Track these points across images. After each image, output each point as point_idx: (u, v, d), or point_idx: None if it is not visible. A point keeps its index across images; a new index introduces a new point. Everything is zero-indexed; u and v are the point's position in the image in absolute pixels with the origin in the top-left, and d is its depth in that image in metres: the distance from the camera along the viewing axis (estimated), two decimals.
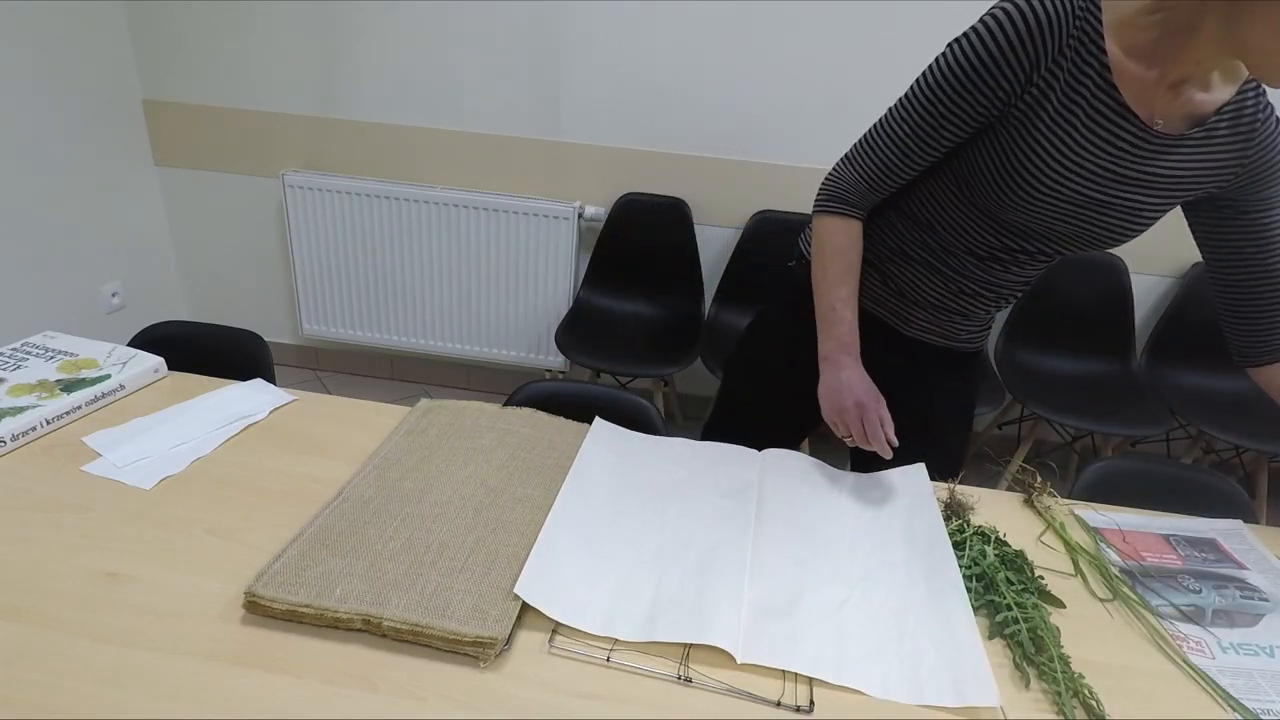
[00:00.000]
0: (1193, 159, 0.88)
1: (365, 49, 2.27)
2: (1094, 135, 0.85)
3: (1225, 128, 0.87)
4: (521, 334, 2.52)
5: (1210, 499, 1.16)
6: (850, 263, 1.02)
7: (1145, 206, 0.90)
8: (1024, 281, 1.05)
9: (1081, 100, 0.84)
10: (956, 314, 1.07)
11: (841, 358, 1.03)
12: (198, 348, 1.31)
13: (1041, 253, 0.99)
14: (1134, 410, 2.10)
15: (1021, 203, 0.90)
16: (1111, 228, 0.92)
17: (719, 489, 0.98)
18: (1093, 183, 0.88)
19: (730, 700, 0.69)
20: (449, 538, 0.83)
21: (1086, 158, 0.86)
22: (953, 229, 0.99)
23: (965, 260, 1.01)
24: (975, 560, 0.88)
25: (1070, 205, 0.90)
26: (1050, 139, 0.86)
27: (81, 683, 0.65)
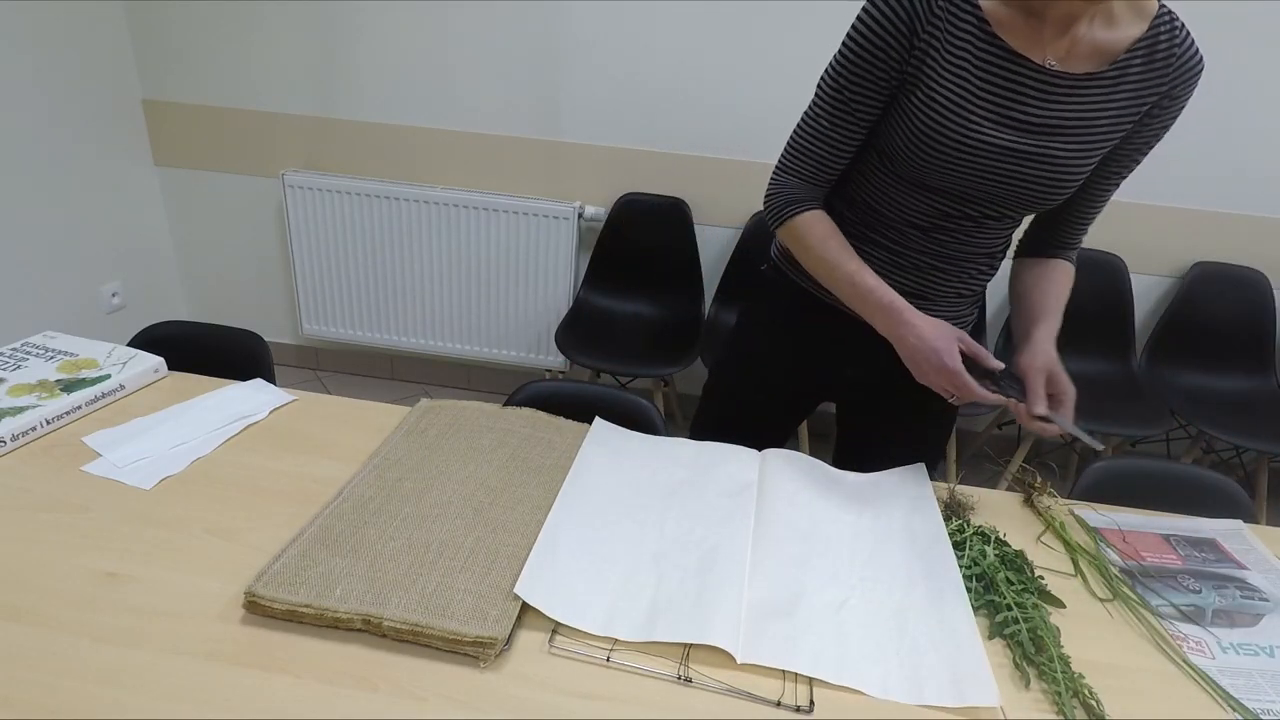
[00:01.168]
0: (1107, 99, 0.88)
1: (365, 49, 2.27)
2: (987, 83, 0.87)
3: (1139, 64, 0.87)
4: (521, 334, 2.52)
5: (1210, 499, 1.16)
6: (841, 242, 1.01)
7: (1063, 154, 0.90)
8: (978, 254, 1.02)
9: (967, 53, 0.87)
10: (917, 298, 1.03)
11: (895, 327, 0.98)
12: (198, 348, 1.31)
13: (983, 216, 0.97)
14: (1134, 410, 2.09)
15: (935, 162, 0.91)
16: (1036, 180, 0.91)
17: (719, 489, 0.98)
18: (997, 129, 0.89)
19: (730, 700, 0.69)
20: (449, 538, 0.83)
21: (985, 105, 0.88)
22: (889, 205, 1.00)
23: (909, 234, 1.00)
24: (975, 560, 0.88)
25: (983, 158, 0.90)
26: (946, 95, 0.88)
27: (81, 683, 0.65)
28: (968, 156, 0.90)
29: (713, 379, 1.30)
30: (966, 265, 1.04)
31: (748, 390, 1.22)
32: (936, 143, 0.90)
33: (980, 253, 1.03)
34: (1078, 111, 0.88)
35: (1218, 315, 2.23)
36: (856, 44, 0.90)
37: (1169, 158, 2.14)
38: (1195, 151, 2.13)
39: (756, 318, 1.21)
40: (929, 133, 0.90)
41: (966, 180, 0.92)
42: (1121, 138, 0.92)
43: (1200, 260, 2.24)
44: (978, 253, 1.03)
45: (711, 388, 1.29)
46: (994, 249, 1.04)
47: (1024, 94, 0.88)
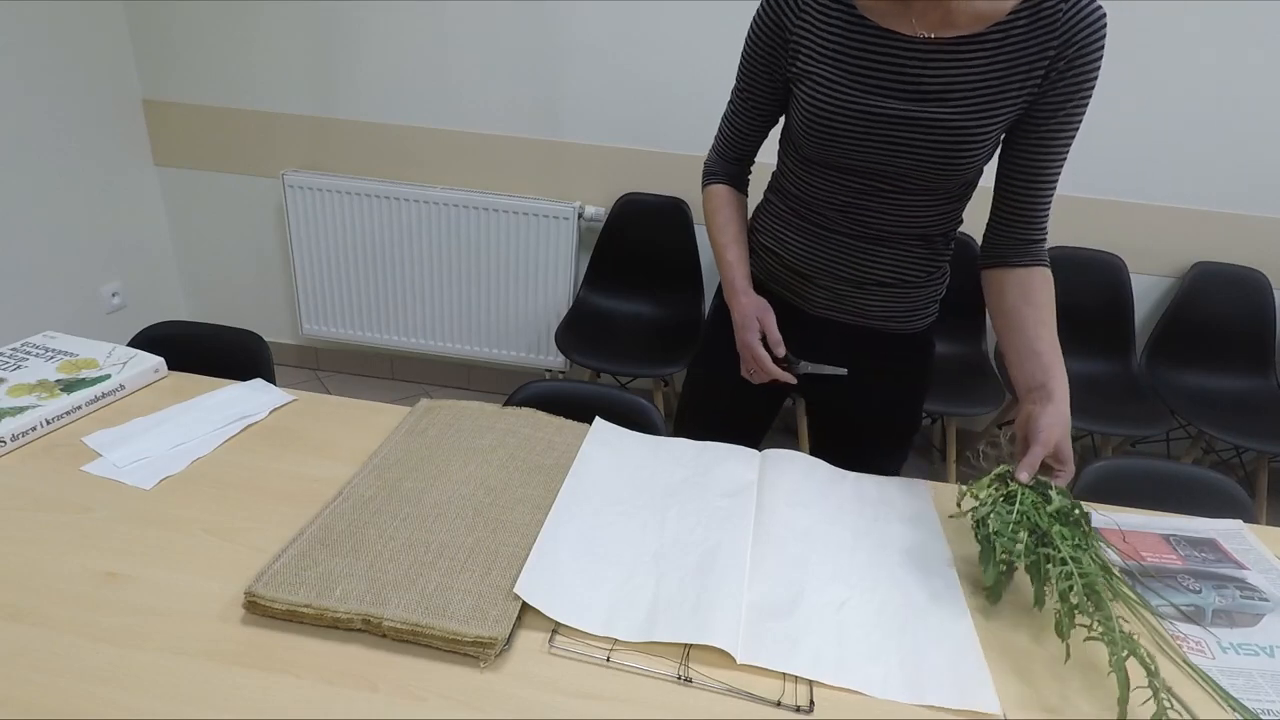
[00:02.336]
0: (992, 59, 0.89)
1: (365, 49, 2.27)
2: (864, 59, 0.92)
3: (1024, 23, 0.87)
4: (521, 334, 2.52)
5: (1210, 499, 1.16)
6: (727, 216, 1.13)
7: (955, 118, 0.91)
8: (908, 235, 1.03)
9: (839, 38, 0.93)
10: (853, 282, 1.07)
11: (729, 299, 1.12)
12: (198, 348, 1.31)
13: (897, 191, 0.99)
14: (1134, 410, 2.09)
15: (831, 139, 0.96)
16: (933, 146, 0.92)
17: (719, 489, 0.98)
18: (882, 98, 0.92)
19: (730, 700, 0.69)
20: (449, 538, 0.83)
21: (865, 78, 0.93)
22: (804, 187, 1.05)
23: (827, 214, 1.04)
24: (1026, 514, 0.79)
25: (875, 127, 0.93)
26: (827, 76, 0.94)
27: (81, 683, 0.65)
28: (859, 127, 0.94)
29: (690, 373, 1.32)
30: (898, 247, 1.04)
31: (720, 383, 1.23)
32: (828, 121, 0.95)
33: (910, 234, 1.03)
34: (962, 74, 0.90)
35: (1218, 315, 2.23)
36: (746, 47, 1.03)
37: (1169, 158, 2.15)
38: (1195, 151, 2.13)
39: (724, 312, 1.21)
40: (819, 113, 0.95)
41: (866, 152, 0.95)
42: (1023, 102, 0.91)
43: (1200, 260, 2.24)
44: (907, 233, 1.03)
45: (689, 382, 1.32)
46: (928, 231, 1.04)
47: (903, 63, 0.91)
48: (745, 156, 1.15)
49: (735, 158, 1.15)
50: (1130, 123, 2.12)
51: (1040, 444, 0.86)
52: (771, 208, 1.13)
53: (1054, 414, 0.89)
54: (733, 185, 1.15)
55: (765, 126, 1.10)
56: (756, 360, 1.07)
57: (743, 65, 1.04)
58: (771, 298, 1.13)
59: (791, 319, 1.11)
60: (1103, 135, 2.14)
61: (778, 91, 1.04)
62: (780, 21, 0.97)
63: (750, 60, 1.03)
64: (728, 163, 1.15)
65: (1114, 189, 2.20)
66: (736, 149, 1.13)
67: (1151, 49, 2.03)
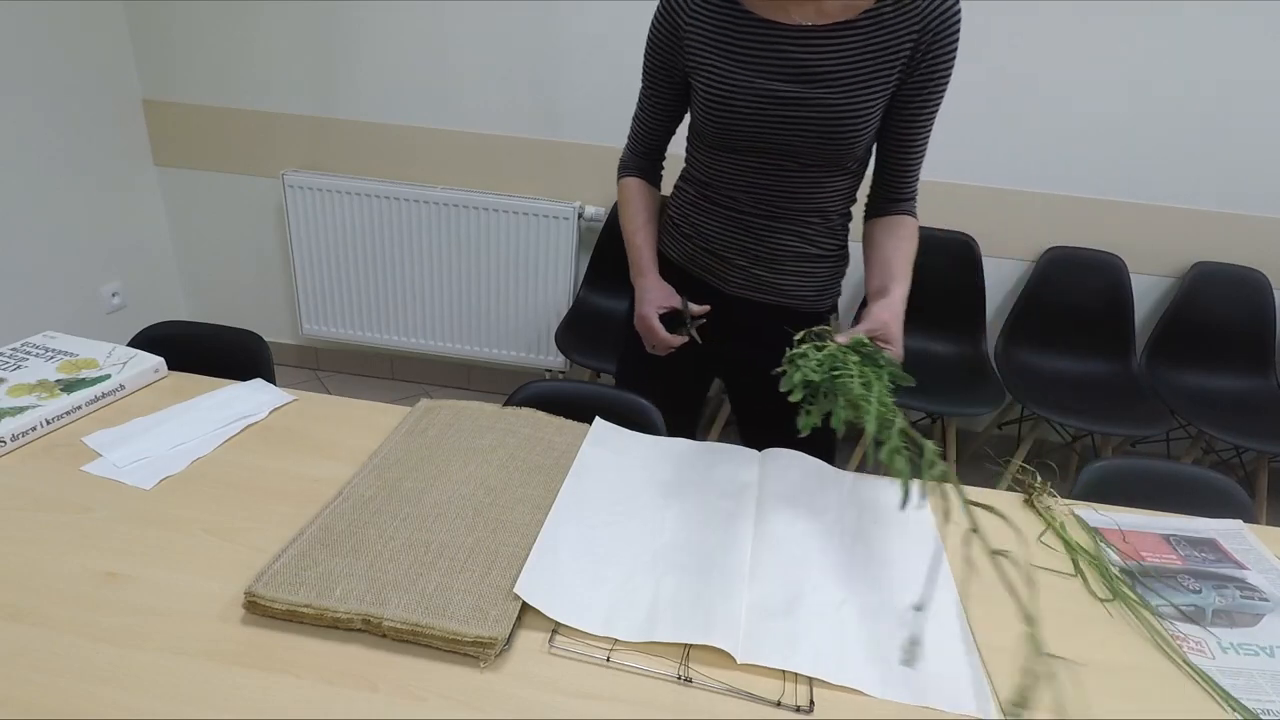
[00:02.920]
0: (866, 44, 0.99)
1: (365, 49, 2.27)
2: (748, 47, 1.02)
3: (890, 11, 0.98)
4: (521, 334, 2.52)
5: (1210, 499, 1.16)
6: (637, 207, 1.23)
7: (835, 100, 1.00)
8: (807, 211, 1.12)
9: (726, 31, 1.03)
10: (764, 260, 1.16)
11: (634, 278, 1.23)
12: (198, 348, 1.30)
13: (792, 170, 1.08)
14: (1134, 410, 2.10)
15: (730, 121, 1.05)
16: (817, 125, 1.02)
17: (719, 489, 0.98)
18: (767, 79, 1.01)
19: (730, 700, 0.69)
20: (449, 538, 0.83)
21: (751, 63, 1.02)
22: (711, 172, 1.14)
23: (734, 195, 1.13)
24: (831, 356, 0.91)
25: (764, 106, 1.02)
26: (717, 64, 1.04)
27: (81, 683, 0.65)
28: (753, 107, 1.02)
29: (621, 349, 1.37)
30: (800, 224, 1.13)
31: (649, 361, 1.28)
32: (725, 104, 1.04)
33: (810, 209, 1.12)
34: (840, 58, 1.00)
35: (1218, 315, 2.23)
36: (646, 49, 1.12)
37: (1169, 158, 2.15)
38: (1195, 151, 2.13)
39: None
40: (717, 98, 1.04)
41: (761, 132, 1.04)
42: (894, 83, 1.02)
43: (1200, 260, 2.24)
44: (807, 209, 1.12)
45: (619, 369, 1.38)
46: (825, 207, 1.13)
47: (785, 49, 1.00)
48: (655, 150, 1.24)
49: (645, 152, 1.23)
50: (1130, 123, 2.12)
51: (867, 322, 1.01)
52: (685, 195, 1.21)
53: (885, 304, 1.04)
54: (644, 178, 1.25)
55: (671, 121, 1.19)
56: (651, 331, 1.18)
57: (645, 66, 1.14)
58: (692, 280, 1.22)
59: (711, 300, 1.21)
60: (1103, 135, 2.14)
61: (678, 87, 1.13)
62: (674, 22, 1.06)
63: (651, 60, 1.12)
64: (639, 157, 1.24)
65: (1114, 189, 2.20)
66: (646, 143, 1.22)
67: (1151, 49, 2.03)
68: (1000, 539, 0.96)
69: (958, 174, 2.23)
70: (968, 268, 2.27)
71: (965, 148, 2.20)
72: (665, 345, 1.19)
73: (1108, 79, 2.08)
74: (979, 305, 2.30)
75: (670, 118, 1.18)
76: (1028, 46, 2.06)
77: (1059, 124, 2.14)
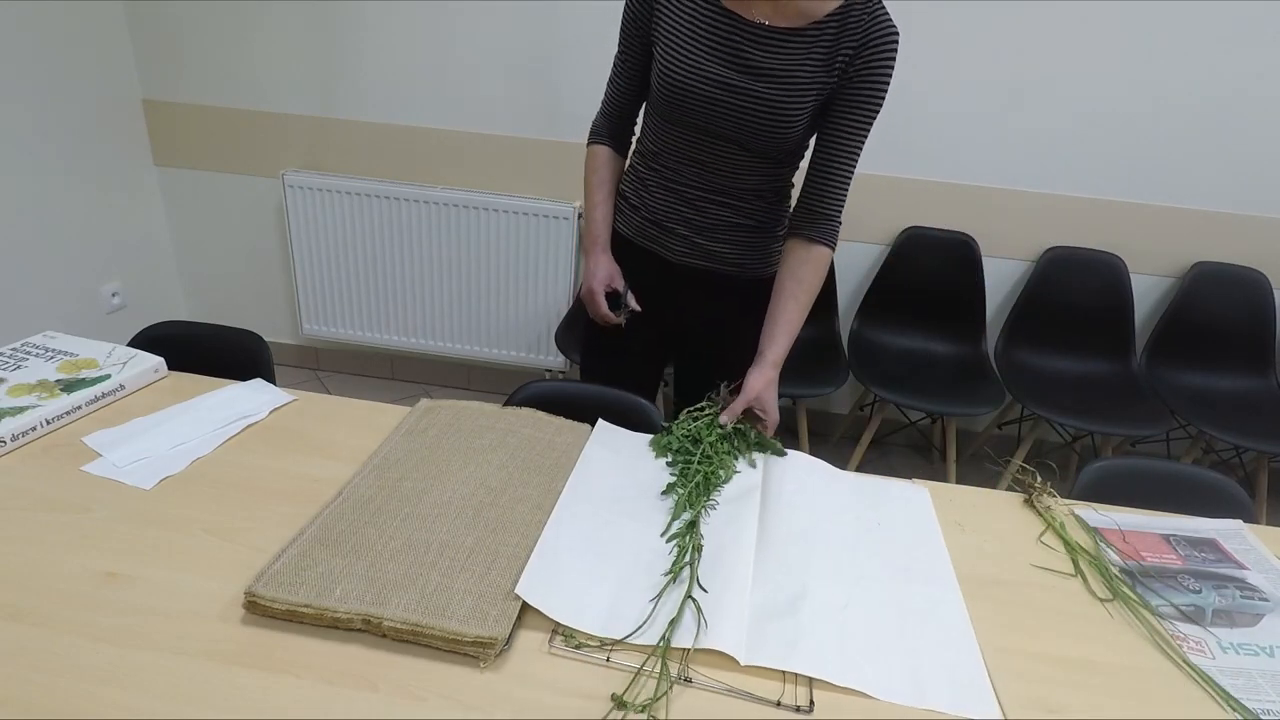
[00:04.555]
0: (808, 52, 1.07)
1: (366, 49, 2.27)
2: (709, 33, 1.09)
3: (834, 26, 1.06)
4: (521, 334, 2.52)
5: (1210, 499, 1.16)
6: (602, 176, 1.30)
7: (775, 95, 1.08)
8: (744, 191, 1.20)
9: (693, 15, 1.09)
10: (701, 229, 1.23)
11: (589, 250, 1.30)
12: (198, 348, 1.30)
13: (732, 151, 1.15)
14: (1134, 410, 2.09)
15: (681, 97, 1.11)
16: (756, 114, 1.09)
17: (721, 489, 0.98)
18: (719, 65, 1.08)
19: (730, 700, 0.69)
20: (449, 538, 0.83)
21: (708, 48, 1.09)
22: (660, 144, 1.21)
23: (678, 166, 1.21)
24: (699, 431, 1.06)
25: (710, 89, 1.09)
26: (678, 44, 1.10)
27: (81, 682, 0.65)
28: (703, 88, 1.09)
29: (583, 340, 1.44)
30: (731, 198, 1.21)
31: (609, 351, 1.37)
32: (676, 80, 1.11)
33: (747, 189, 1.20)
34: (784, 59, 1.07)
35: (1218, 315, 2.23)
36: (624, 15, 1.19)
37: (1169, 158, 2.15)
38: (1195, 151, 2.13)
39: None
40: (669, 73, 1.11)
41: (708, 113, 1.11)
42: (827, 90, 1.09)
43: (1200, 260, 2.23)
44: (745, 189, 1.20)
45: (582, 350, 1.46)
46: (760, 188, 1.21)
47: (740, 41, 1.08)
48: (626, 115, 1.29)
49: (617, 116, 1.28)
50: (1130, 123, 2.12)
51: (742, 396, 1.11)
52: (635, 169, 1.29)
53: (759, 374, 1.13)
54: (614, 146, 1.30)
55: (643, 86, 1.24)
56: (595, 306, 1.27)
57: (622, 30, 1.21)
58: (641, 252, 1.29)
59: (657, 268, 1.28)
60: (1103, 135, 2.14)
61: (649, 53, 1.18)
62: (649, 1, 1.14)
63: (627, 25, 1.19)
64: (611, 121, 1.29)
65: (1114, 189, 2.20)
66: (618, 107, 1.27)
67: (1151, 49, 2.03)
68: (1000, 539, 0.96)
69: (958, 174, 2.23)
70: (968, 268, 2.27)
71: (965, 148, 2.20)
72: (605, 320, 1.28)
73: (1108, 79, 2.08)
74: (979, 305, 2.30)
75: (641, 83, 1.23)
76: (1028, 46, 2.06)
77: (1059, 124, 2.14)
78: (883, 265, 2.32)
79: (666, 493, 0.97)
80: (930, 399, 2.08)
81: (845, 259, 2.36)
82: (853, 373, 2.18)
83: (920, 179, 2.24)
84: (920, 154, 2.22)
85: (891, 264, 2.31)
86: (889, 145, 2.21)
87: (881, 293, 2.33)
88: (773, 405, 1.12)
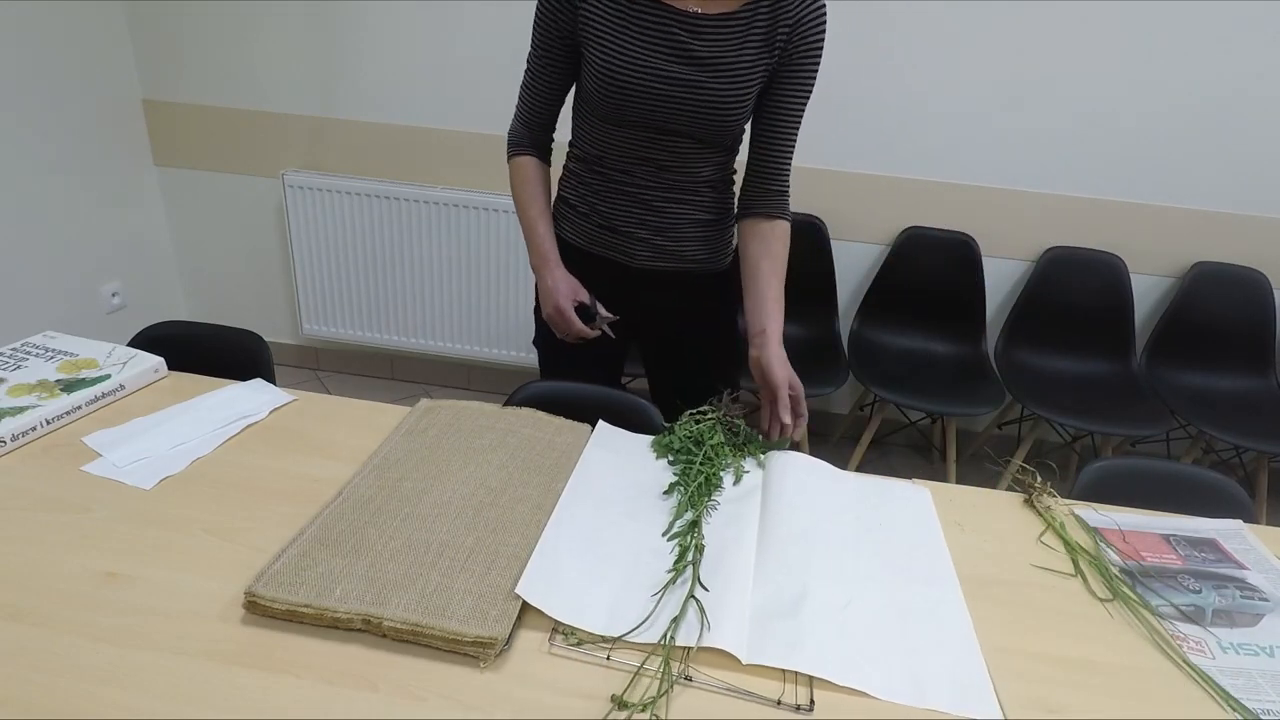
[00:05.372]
0: (745, 36, 1.06)
1: (365, 49, 2.27)
2: (643, 28, 1.06)
3: (767, 5, 1.06)
4: (522, 334, 2.52)
5: (1210, 499, 1.16)
6: (535, 190, 1.23)
7: (717, 85, 1.07)
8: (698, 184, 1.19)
9: (622, 9, 1.06)
10: (668, 232, 1.22)
11: (541, 268, 1.23)
12: (198, 348, 1.30)
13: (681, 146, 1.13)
14: (1134, 410, 2.10)
15: (622, 97, 1.08)
16: (700, 105, 1.08)
17: (723, 491, 0.98)
18: (659, 58, 1.06)
19: (730, 700, 0.69)
20: (449, 538, 0.83)
21: (644, 42, 1.06)
22: (604, 147, 1.18)
23: (626, 167, 1.17)
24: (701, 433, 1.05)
25: (652, 83, 1.07)
26: (613, 41, 1.07)
27: (81, 682, 0.65)
28: (644, 84, 1.07)
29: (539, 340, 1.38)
30: (689, 193, 1.20)
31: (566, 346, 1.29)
32: (618, 79, 1.07)
33: (698, 181, 1.19)
34: (724, 46, 1.06)
35: (1218, 315, 2.23)
36: (539, 16, 1.12)
37: (1169, 158, 2.15)
38: (1195, 151, 2.13)
39: None
40: (607, 72, 1.08)
41: (651, 109, 1.09)
42: (766, 72, 1.09)
43: (1200, 260, 2.24)
44: (696, 182, 1.19)
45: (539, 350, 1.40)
46: (711, 179, 1.20)
47: (676, 32, 1.06)
48: (547, 122, 1.23)
49: (538, 124, 1.22)
50: (1130, 123, 2.12)
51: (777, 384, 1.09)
52: (577, 176, 1.25)
53: (773, 354, 1.11)
54: (538, 156, 1.25)
55: (563, 90, 1.20)
56: (569, 324, 1.20)
57: (537, 33, 1.14)
58: (595, 260, 1.26)
59: (619, 276, 1.25)
60: (1103, 135, 2.14)
61: (571, 55, 1.14)
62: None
63: (544, 28, 1.12)
64: (533, 130, 1.23)
65: (1114, 189, 2.20)
66: (539, 114, 1.21)
67: (1151, 49, 2.03)
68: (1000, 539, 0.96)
69: (958, 174, 2.23)
70: (968, 268, 2.27)
71: (965, 148, 2.20)
72: (580, 335, 1.22)
73: (1108, 79, 2.08)
74: (979, 305, 2.30)
75: (562, 86, 1.19)
76: (1028, 46, 2.06)
77: (1059, 124, 2.14)
78: (883, 265, 2.32)
79: (668, 493, 0.97)
80: (930, 399, 2.08)
81: (845, 259, 2.36)
82: (853, 373, 2.18)
83: (920, 179, 2.24)
84: (920, 154, 2.22)
85: (891, 264, 2.31)
86: (889, 145, 2.21)
87: (881, 293, 2.33)
88: (796, 380, 1.12)
